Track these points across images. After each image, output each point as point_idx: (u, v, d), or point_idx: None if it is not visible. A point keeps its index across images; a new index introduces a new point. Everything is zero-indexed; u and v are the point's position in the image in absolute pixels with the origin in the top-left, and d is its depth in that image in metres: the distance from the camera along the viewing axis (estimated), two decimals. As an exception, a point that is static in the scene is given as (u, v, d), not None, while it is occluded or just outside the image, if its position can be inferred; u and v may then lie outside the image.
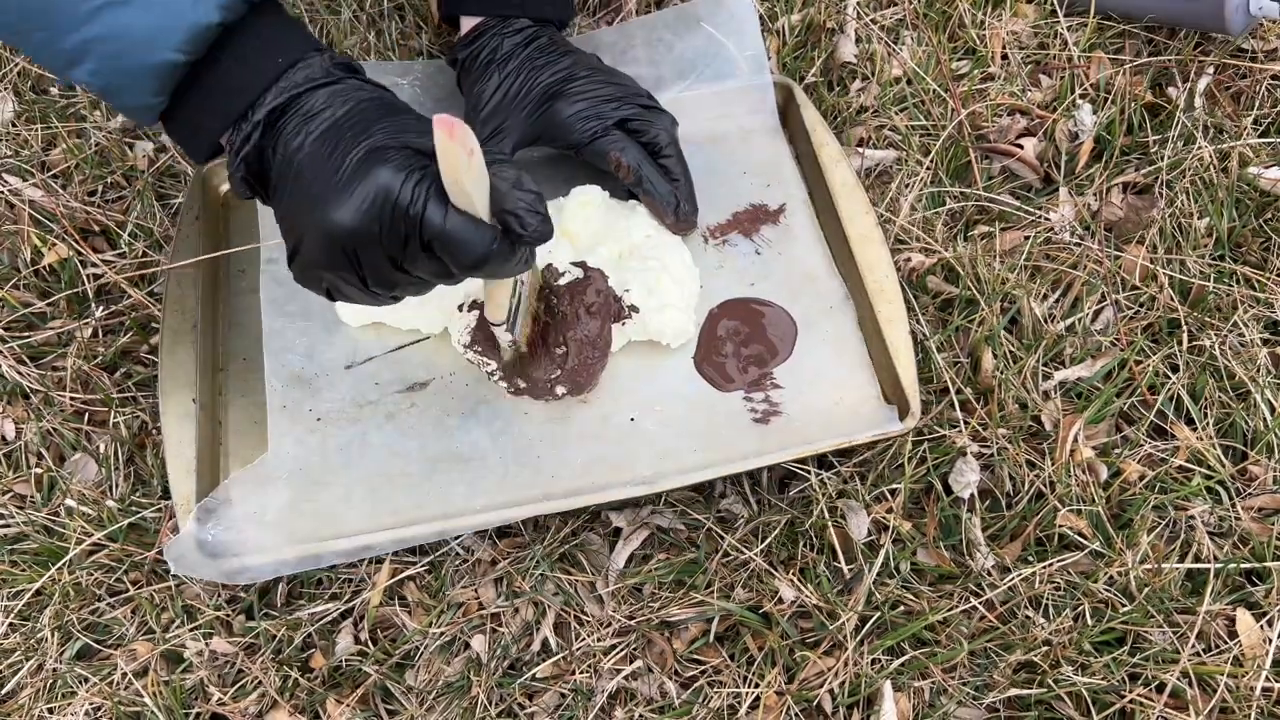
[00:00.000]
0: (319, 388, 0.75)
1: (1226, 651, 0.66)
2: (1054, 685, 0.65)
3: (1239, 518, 0.71)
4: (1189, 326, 0.78)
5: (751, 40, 0.88)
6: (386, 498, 0.70)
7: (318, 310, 0.78)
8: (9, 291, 0.82)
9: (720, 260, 0.81)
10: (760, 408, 0.74)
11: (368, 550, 0.68)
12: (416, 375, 0.76)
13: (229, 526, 0.68)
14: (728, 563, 0.70)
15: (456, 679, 0.67)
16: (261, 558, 0.67)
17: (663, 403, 0.75)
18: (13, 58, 0.96)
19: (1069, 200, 0.87)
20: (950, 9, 0.98)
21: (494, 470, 0.72)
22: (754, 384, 0.75)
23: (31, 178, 0.89)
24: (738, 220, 0.83)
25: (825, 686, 0.65)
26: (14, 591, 0.70)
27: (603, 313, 0.74)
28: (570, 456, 0.72)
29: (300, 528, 0.69)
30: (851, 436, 0.71)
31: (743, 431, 0.73)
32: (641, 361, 0.76)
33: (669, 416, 0.74)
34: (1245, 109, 0.91)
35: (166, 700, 0.66)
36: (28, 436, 0.76)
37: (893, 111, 0.91)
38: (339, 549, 0.68)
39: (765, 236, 0.82)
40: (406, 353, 0.77)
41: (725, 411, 0.74)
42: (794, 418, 0.73)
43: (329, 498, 0.70)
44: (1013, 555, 0.70)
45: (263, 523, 0.69)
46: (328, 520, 0.69)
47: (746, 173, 0.86)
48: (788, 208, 0.84)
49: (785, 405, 0.74)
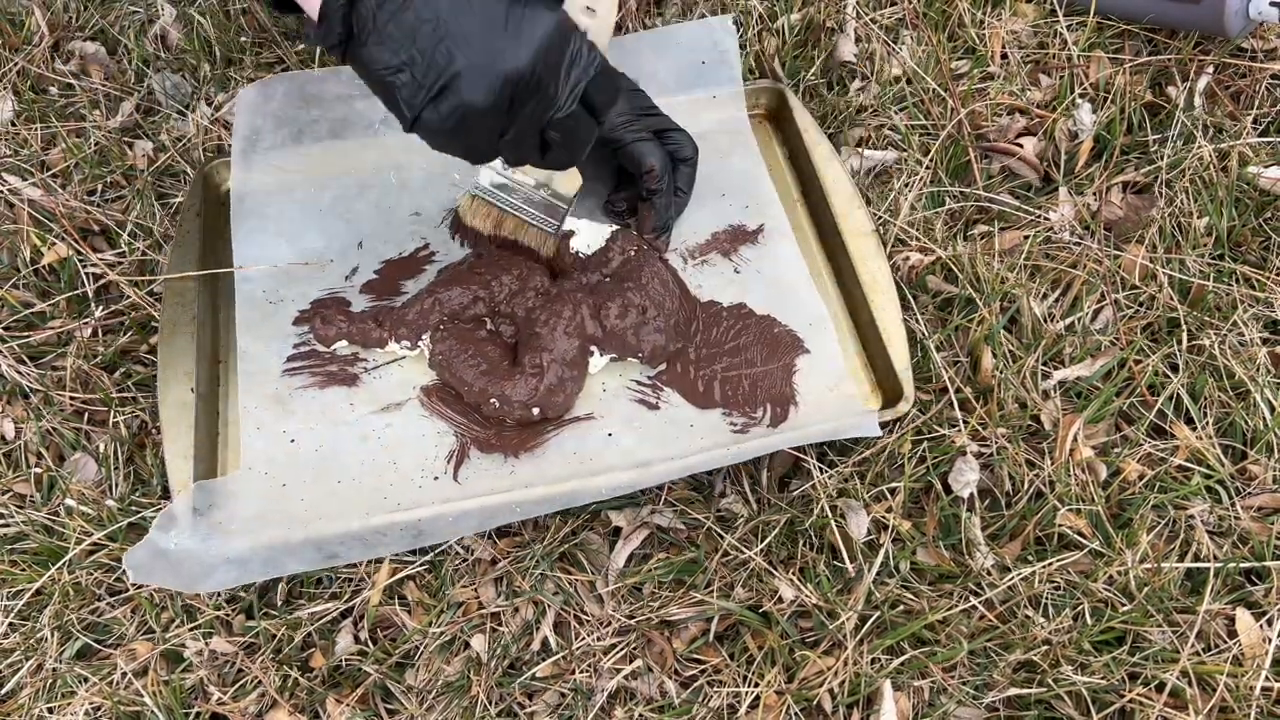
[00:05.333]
0: (293, 409, 0.74)
1: (1226, 651, 0.66)
2: (1054, 685, 0.65)
3: (1239, 517, 0.71)
4: (1189, 326, 0.78)
5: (730, 63, 0.89)
6: (356, 508, 0.70)
7: (291, 333, 0.78)
8: (9, 291, 0.82)
9: (700, 279, 0.81)
10: (739, 421, 0.74)
11: (334, 559, 0.68)
12: (392, 396, 0.75)
13: (193, 533, 0.67)
14: (727, 562, 0.70)
15: (456, 678, 0.67)
16: (224, 570, 0.66)
17: (641, 419, 0.74)
18: (12, 57, 0.96)
19: (1069, 200, 0.87)
20: (950, 8, 0.98)
21: (467, 486, 0.71)
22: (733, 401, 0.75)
23: (31, 177, 0.88)
24: (717, 240, 0.84)
25: (825, 686, 0.65)
26: (14, 591, 0.70)
27: (580, 333, 0.74)
28: (546, 469, 0.72)
29: (270, 537, 0.68)
30: (834, 434, 0.71)
31: (720, 443, 0.73)
32: (619, 382, 0.76)
33: (647, 433, 0.74)
34: (1245, 108, 0.91)
35: (166, 700, 0.66)
36: (27, 436, 0.76)
37: (892, 111, 0.91)
38: (306, 559, 0.67)
39: (744, 256, 0.83)
40: (384, 372, 0.76)
41: (704, 426, 0.74)
42: (773, 430, 0.74)
43: (298, 511, 0.69)
44: (1012, 555, 0.70)
45: (228, 532, 0.68)
46: (298, 532, 0.68)
47: (725, 194, 0.86)
48: (766, 227, 0.84)
49: (764, 418, 0.74)
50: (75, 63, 0.97)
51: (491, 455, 0.72)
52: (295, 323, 0.78)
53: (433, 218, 0.85)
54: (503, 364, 0.74)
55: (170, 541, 0.66)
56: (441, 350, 0.74)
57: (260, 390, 0.75)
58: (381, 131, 0.88)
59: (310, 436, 0.73)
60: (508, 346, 0.76)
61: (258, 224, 0.83)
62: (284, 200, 0.84)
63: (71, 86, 0.95)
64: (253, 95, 0.86)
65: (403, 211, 0.85)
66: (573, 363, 0.73)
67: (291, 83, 0.87)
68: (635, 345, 0.75)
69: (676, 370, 0.77)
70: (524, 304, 0.76)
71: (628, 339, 0.75)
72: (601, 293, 0.76)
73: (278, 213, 0.84)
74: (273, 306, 0.79)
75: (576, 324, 0.74)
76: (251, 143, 0.85)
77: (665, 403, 0.75)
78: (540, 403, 0.72)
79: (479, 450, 0.73)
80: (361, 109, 0.87)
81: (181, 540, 0.67)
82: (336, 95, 0.87)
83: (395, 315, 0.76)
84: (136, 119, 0.93)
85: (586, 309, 0.75)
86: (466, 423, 0.74)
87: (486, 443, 0.73)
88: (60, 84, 0.96)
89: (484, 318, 0.77)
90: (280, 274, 0.80)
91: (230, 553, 0.67)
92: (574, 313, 0.74)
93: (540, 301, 0.76)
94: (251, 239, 0.82)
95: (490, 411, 0.73)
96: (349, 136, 0.87)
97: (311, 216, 0.84)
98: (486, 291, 0.77)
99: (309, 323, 0.78)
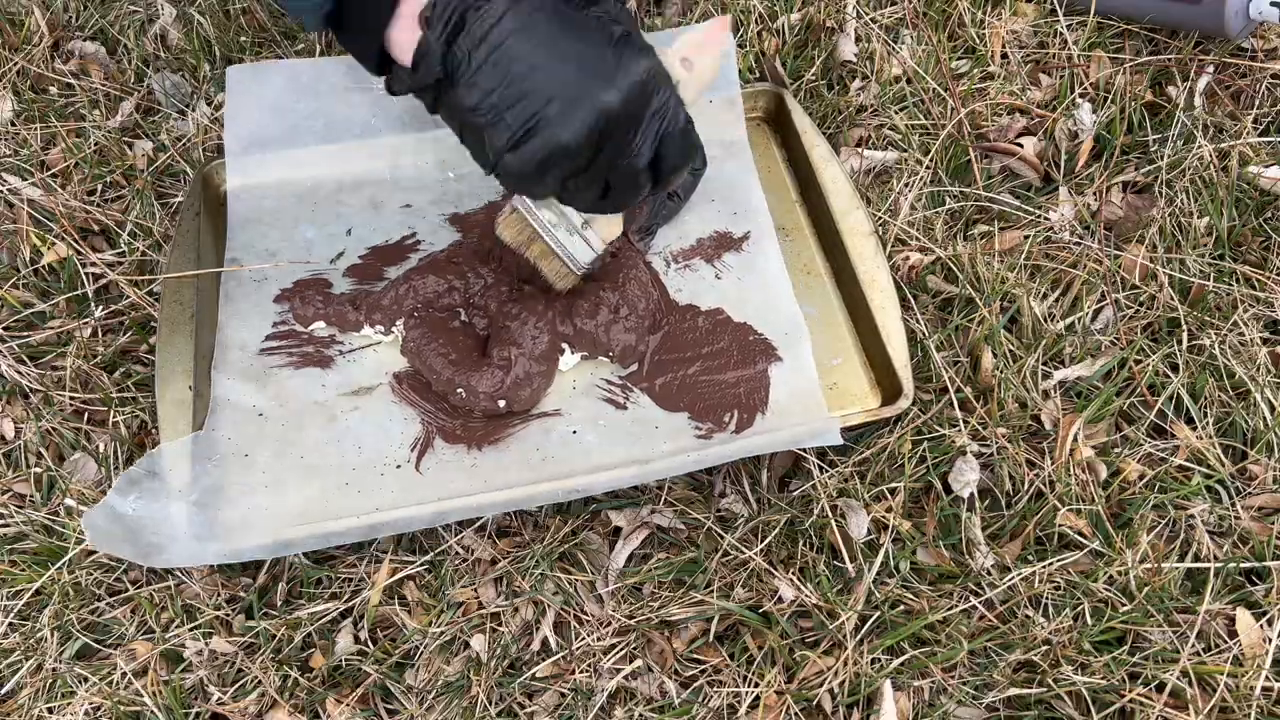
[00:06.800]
0: (265, 384, 0.75)
1: (1226, 651, 0.66)
2: (1054, 685, 0.65)
3: (1239, 517, 0.71)
4: (1189, 326, 0.78)
5: (727, 72, 0.89)
6: (317, 494, 0.70)
7: (271, 311, 0.79)
8: (9, 291, 0.82)
9: (681, 283, 0.81)
10: (704, 426, 0.74)
11: (289, 547, 0.68)
12: (364, 380, 0.76)
13: (152, 500, 0.67)
14: (727, 562, 0.70)
15: (456, 678, 0.67)
16: (181, 545, 0.66)
17: (606, 417, 0.74)
18: (11, 57, 0.96)
19: (1069, 199, 0.87)
20: (950, 8, 0.98)
21: (428, 476, 0.71)
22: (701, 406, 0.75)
23: (31, 177, 0.88)
24: (701, 246, 0.84)
25: (825, 686, 0.65)
26: (14, 591, 0.70)
27: (550, 329, 0.74)
28: (507, 462, 0.72)
29: (226, 516, 0.68)
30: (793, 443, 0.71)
31: (683, 447, 0.72)
32: (589, 380, 0.76)
33: (613, 432, 0.73)
34: (1245, 108, 0.91)
35: (166, 700, 0.66)
36: (27, 436, 0.76)
37: (892, 111, 0.91)
38: (261, 544, 0.67)
39: (727, 262, 0.83)
40: (358, 356, 0.77)
41: (669, 429, 0.74)
42: (737, 436, 0.73)
43: (258, 485, 0.70)
44: (1012, 554, 0.70)
45: (187, 502, 0.68)
46: (256, 511, 0.69)
47: (715, 201, 0.86)
48: (752, 235, 0.84)
49: (730, 424, 0.74)
50: (75, 62, 0.97)
51: (455, 446, 0.73)
52: (276, 300, 0.79)
53: (423, 210, 0.85)
54: (472, 355, 0.74)
55: (129, 506, 0.67)
56: (413, 337, 0.75)
57: (236, 365, 0.76)
58: (376, 128, 0.88)
59: (278, 412, 0.74)
60: (479, 338, 0.76)
61: (253, 217, 0.84)
62: (278, 194, 0.85)
63: (71, 86, 0.95)
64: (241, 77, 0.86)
65: (394, 204, 0.85)
66: (541, 357, 0.73)
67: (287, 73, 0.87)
68: (605, 344, 0.75)
69: (647, 371, 0.77)
70: (497, 297, 0.76)
71: (598, 337, 0.75)
72: (576, 290, 0.76)
73: (273, 206, 0.84)
74: (255, 285, 0.80)
75: (548, 320, 0.74)
76: (244, 138, 0.85)
77: (633, 403, 0.75)
78: (505, 395, 0.72)
79: (444, 440, 0.73)
80: (357, 102, 0.87)
81: (139, 506, 0.67)
82: (331, 87, 0.87)
83: (371, 299, 0.77)
84: (136, 119, 0.93)
85: (559, 305, 0.75)
86: (434, 411, 0.74)
87: (451, 433, 0.73)
88: (60, 84, 0.96)
89: (458, 308, 0.77)
90: (271, 254, 0.82)
91: (186, 528, 0.67)
92: (546, 308, 0.74)
93: (514, 296, 0.76)
94: (246, 227, 0.83)
95: (457, 401, 0.73)
96: (343, 132, 0.87)
97: (305, 210, 0.84)
98: (462, 282, 0.77)
99: (289, 301, 0.79)
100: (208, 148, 0.91)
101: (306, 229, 0.84)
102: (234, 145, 0.85)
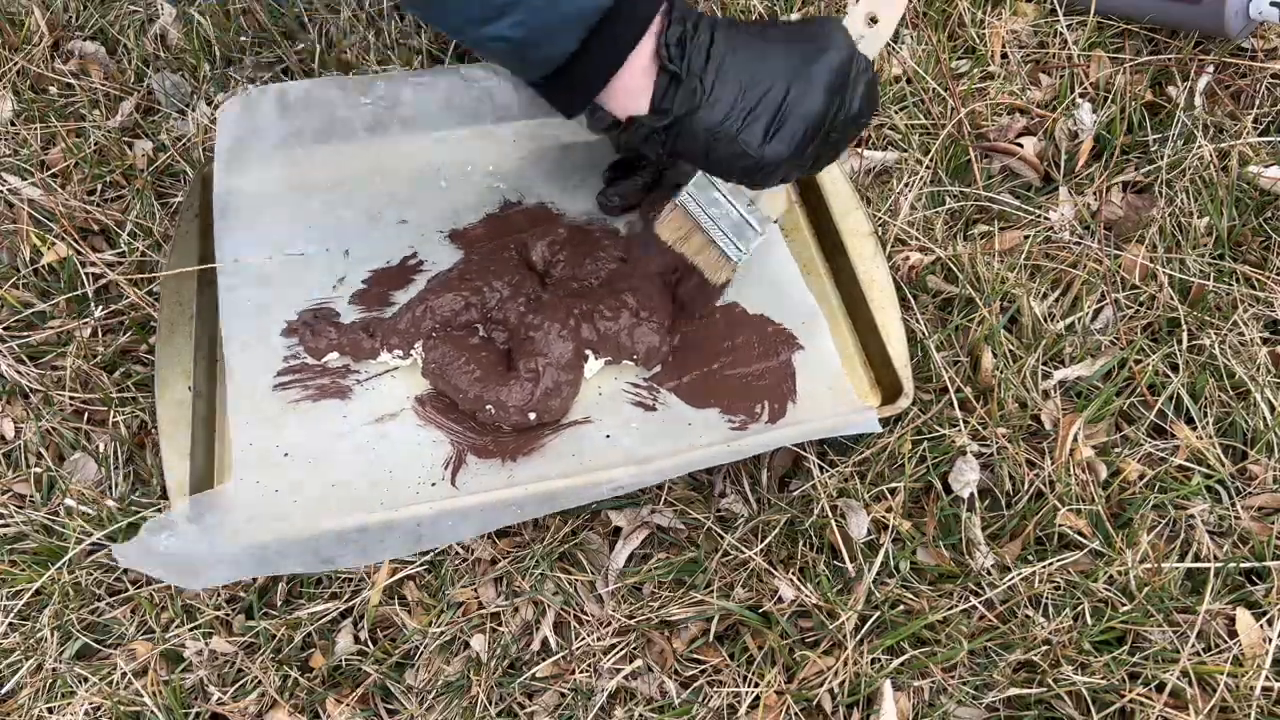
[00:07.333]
0: (285, 424, 0.72)
1: (1226, 651, 0.66)
2: (1054, 685, 0.65)
3: (1239, 517, 0.71)
4: (1189, 326, 0.78)
5: None
6: (352, 508, 0.68)
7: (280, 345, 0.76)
8: (8, 291, 0.82)
9: None
10: (738, 418, 0.74)
11: (329, 563, 0.67)
12: (386, 406, 0.74)
13: (184, 538, 0.66)
14: (727, 562, 0.70)
15: (456, 678, 0.67)
16: (217, 569, 0.65)
17: (638, 419, 0.74)
18: (11, 57, 0.96)
19: (1069, 199, 0.87)
20: (950, 8, 0.98)
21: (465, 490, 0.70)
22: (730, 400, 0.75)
23: (30, 177, 0.88)
24: None
25: (825, 686, 0.65)
26: (14, 591, 0.70)
27: (574, 337, 0.73)
28: (545, 471, 0.71)
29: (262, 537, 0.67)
30: (834, 430, 0.71)
31: (720, 440, 0.72)
32: (615, 385, 0.76)
33: (646, 433, 0.73)
34: (1245, 108, 0.91)
35: (166, 700, 0.66)
36: (27, 436, 0.76)
37: (892, 110, 0.91)
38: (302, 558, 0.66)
39: None
40: (377, 383, 0.75)
41: (702, 424, 0.74)
42: (772, 426, 0.73)
43: (291, 508, 0.68)
44: (1012, 554, 0.70)
45: (220, 535, 0.67)
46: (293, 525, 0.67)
47: None
48: None
49: (762, 414, 0.74)
50: (75, 62, 0.97)
51: (489, 461, 0.72)
52: (284, 334, 0.77)
53: (420, 225, 0.83)
54: (497, 370, 0.73)
55: (161, 545, 0.66)
56: (434, 358, 0.74)
57: (251, 406, 0.73)
58: (367, 139, 0.86)
59: (304, 450, 0.71)
60: (501, 353, 0.75)
61: (245, 234, 0.81)
62: (271, 207, 0.82)
63: (71, 86, 0.95)
64: (236, 111, 0.83)
65: (390, 218, 0.83)
66: (568, 366, 0.73)
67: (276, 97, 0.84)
68: (630, 347, 0.75)
69: (672, 371, 0.76)
70: (516, 309, 0.76)
71: (621, 341, 0.75)
72: (594, 296, 0.76)
73: (268, 219, 0.82)
74: (259, 319, 0.77)
75: (570, 327, 0.74)
76: (236, 153, 0.83)
77: (662, 404, 0.75)
78: (536, 407, 0.72)
79: (476, 456, 0.72)
80: (345, 116, 0.86)
81: (172, 544, 0.66)
82: (320, 101, 0.85)
83: (386, 325, 0.75)
84: (136, 119, 0.93)
85: (579, 312, 0.75)
86: (462, 430, 0.73)
87: (484, 449, 0.72)
88: (60, 84, 0.96)
89: (476, 324, 0.76)
90: (266, 279, 0.78)
91: (223, 554, 0.66)
92: (567, 316, 0.74)
93: (533, 306, 0.76)
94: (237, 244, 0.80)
95: (485, 418, 0.72)
96: (335, 143, 0.86)
97: (299, 223, 0.82)
98: (478, 298, 0.76)
99: (297, 334, 0.76)
100: (207, 148, 0.91)
101: (301, 245, 0.81)
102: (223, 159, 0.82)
